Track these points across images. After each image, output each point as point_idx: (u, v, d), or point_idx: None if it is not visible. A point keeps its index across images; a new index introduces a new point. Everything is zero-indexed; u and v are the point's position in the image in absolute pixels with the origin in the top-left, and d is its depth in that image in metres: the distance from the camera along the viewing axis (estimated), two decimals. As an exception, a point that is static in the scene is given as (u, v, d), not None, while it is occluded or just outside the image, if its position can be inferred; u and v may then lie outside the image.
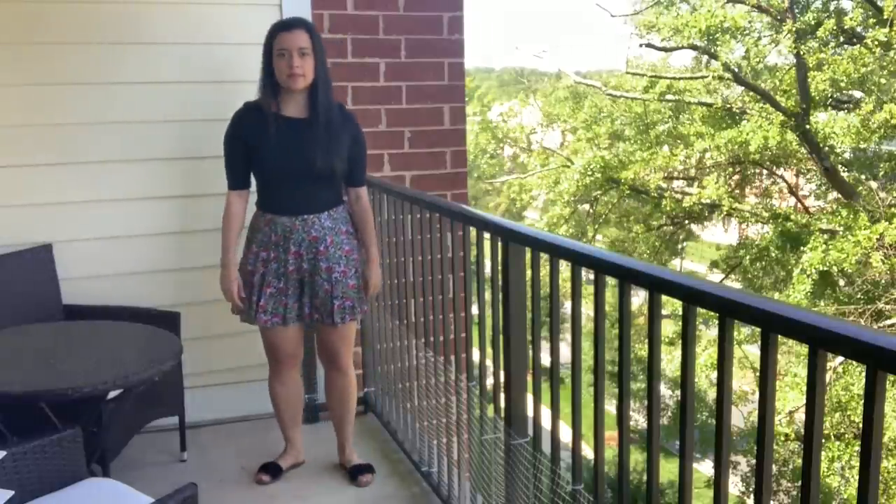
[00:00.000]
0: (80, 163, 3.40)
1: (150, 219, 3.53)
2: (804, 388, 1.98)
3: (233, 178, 2.99)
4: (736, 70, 12.38)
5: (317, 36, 2.88)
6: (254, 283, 2.94)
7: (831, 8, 12.81)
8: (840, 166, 12.38)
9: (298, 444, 3.27)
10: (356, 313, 3.03)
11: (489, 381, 2.63)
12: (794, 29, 11.73)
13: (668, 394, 14.66)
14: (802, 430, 3.07)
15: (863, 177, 12.61)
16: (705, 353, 10.67)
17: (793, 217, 12.22)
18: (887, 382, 1.30)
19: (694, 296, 1.65)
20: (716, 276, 14.72)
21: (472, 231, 2.70)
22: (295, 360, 3.16)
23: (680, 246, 18.25)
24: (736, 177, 14.43)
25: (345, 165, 2.96)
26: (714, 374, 8.69)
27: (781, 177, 14.49)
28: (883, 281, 10.63)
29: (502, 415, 2.48)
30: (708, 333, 11.19)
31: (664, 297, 1.77)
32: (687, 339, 1.68)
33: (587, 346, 2.11)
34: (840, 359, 9.17)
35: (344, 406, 3.22)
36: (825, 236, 10.93)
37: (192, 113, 3.51)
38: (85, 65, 3.35)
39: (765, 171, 14.38)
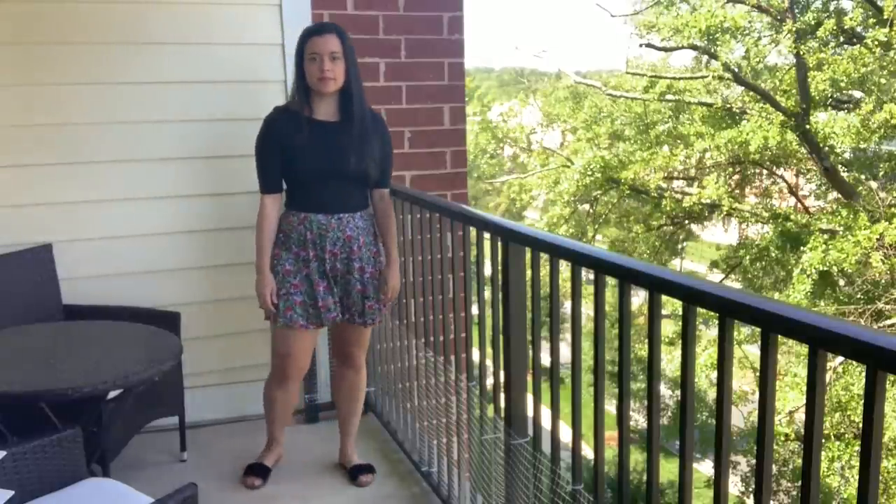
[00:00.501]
0: (80, 163, 3.39)
1: (151, 219, 3.52)
2: (804, 388, 1.98)
3: (266, 182, 2.95)
4: (736, 70, 12.37)
5: (348, 40, 2.89)
6: (299, 283, 2.90)
7: (831, 8, 12.81)
8: (840, 166, 12.38)
9: (282, 440, 3.28)
10: (379, 315, 3.05)
11: (489, 381, 2.63)
12: (794, 29, 11.73)
13: (668, 394, 14.67)
14: (802, 430, 3.07)
15: (863, 177, 12.60)
16: (705, 353, 10.66)
17: (793, 217, 12.22)
18: (887, 382, 1.30)
19: (694, 296, 1.65)
20: (716, 276, 14.73)
21: (472, 231, 2.71)
22: (303, 373, 3.15)
23: (680, 246, 18.25)
24: (736, 177, 14.43)
25: (378, 168, 2.97)
26: (714, 374, 8.69)
27: (781, 177, 14.49)
28: (883, 281, 10.63)
29: (502, 415, 2.48)
30: (708, 333, 11.19)
31: (664, 297, 1.77)
32: (687, 339, 1.68)
33: (587, 346, 2.11)
34: (840, 359, 9.17)
35: (352, 403, 3.24)
36: (825, 236, 10.93)
37: (193, 113, 3.50)
38: (85, 65, 3.35)
39: (765, 171, 14.37)
